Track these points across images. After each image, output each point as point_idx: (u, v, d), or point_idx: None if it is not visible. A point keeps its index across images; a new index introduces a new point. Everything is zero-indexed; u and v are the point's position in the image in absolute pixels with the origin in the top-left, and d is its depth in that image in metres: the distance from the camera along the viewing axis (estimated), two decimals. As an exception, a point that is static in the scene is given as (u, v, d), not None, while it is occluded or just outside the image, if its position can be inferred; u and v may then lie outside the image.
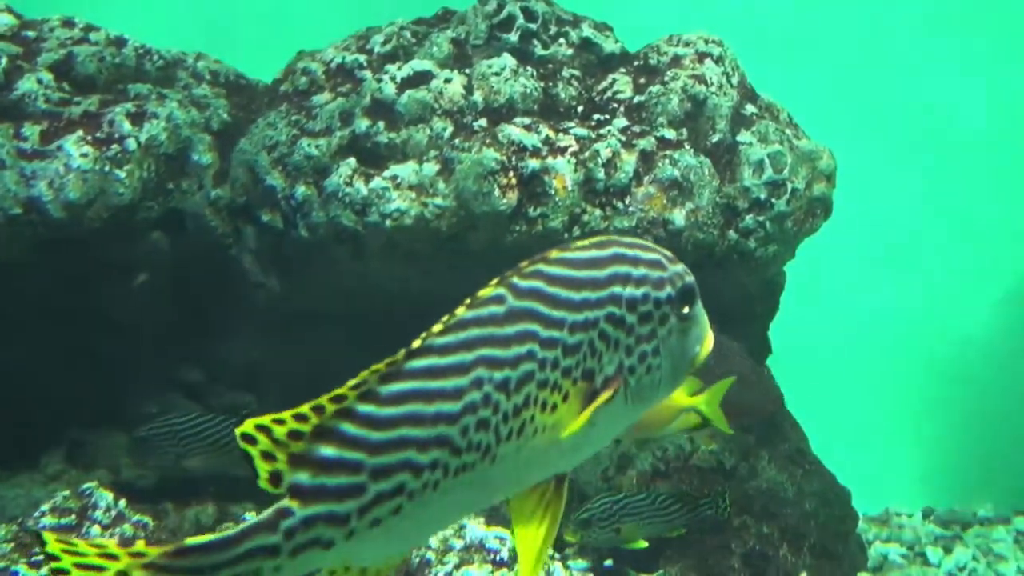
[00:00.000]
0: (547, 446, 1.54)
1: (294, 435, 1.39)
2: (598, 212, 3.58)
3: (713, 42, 3.96)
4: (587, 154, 3.59)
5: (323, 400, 1.41)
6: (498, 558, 2.77)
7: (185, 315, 4.11)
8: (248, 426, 1.38)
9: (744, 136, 3.81)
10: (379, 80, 3.79)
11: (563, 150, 3.59)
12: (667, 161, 3.64)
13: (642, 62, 3.94)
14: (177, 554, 1.37)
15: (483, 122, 3.70)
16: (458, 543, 2.80)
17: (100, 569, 1.37)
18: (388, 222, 3.57)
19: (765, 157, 3.76)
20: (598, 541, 3.48)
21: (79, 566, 1.37)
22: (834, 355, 4.26)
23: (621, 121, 3.74)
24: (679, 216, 3.60)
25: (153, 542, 1.39)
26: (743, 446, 3.97)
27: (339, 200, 3.64)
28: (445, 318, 1.48)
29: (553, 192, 3.52)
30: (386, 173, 3.64)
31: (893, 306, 6.39)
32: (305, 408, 1.40)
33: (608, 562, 3.80)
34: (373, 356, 1.49)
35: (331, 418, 1.41)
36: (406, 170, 3.63)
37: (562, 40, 3.95)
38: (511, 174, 3.55)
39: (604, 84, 3.88)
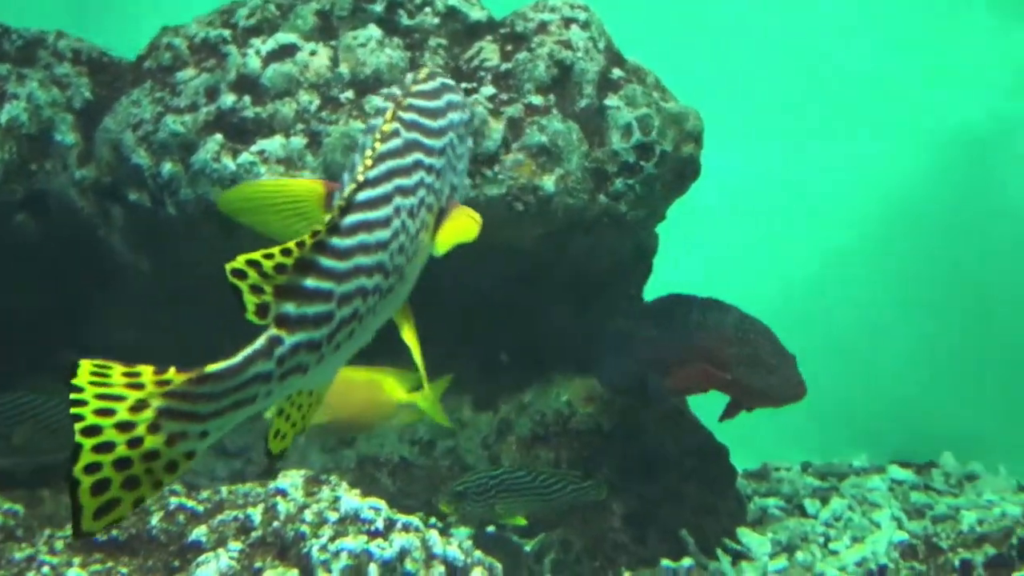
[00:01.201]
0: (422, 261, 1.73)
1: (280, 268, 1.48)
2: (467, 180, 3.58)
3: (579, 7, 3.97)
4: (455, 123, 3.57)
5: (304, 236, 1.51)
6: (373, 528, 2.75)
7: (57, 298, 4.04)
8: (239, 261, 1.46)
9: (612, 100, 3.83)
10: (244, 55, 3.75)
11: (431, 119, 3.58)
12: (535, 128, 3.65)
13: (509, 29, 3.93)
14: (198, 381, 1.44)
15: (350, 94, 3.68)
16: (333, 515, 2.78)
17: (121, 399, 1.41)
18: (257, 197, 3.53)
19: (633, 120, 3.78)
20: (473, 514, 3.48)
21: (100, 396, 1.40)
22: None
23: (489, 89, 3.74)
24: (549, 182, 3.62)
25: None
26: (622, 408, 4.01)
27: (207, 176, 3.60)
28: (369, 152, 1.62)
29: (422, 162, 3.50)
30: (253, 148, 3.61)
31: (760, 259, 6.48)
32: (291, 244, 1.49)
33: (491, 528, 3.83)
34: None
35: (310, 251, 1.51)
36: (274, 144, 3.60)
37: (428, 9, 3.92)
38: (379, 145, 3.53)
39: (471, 52, 3.87)
